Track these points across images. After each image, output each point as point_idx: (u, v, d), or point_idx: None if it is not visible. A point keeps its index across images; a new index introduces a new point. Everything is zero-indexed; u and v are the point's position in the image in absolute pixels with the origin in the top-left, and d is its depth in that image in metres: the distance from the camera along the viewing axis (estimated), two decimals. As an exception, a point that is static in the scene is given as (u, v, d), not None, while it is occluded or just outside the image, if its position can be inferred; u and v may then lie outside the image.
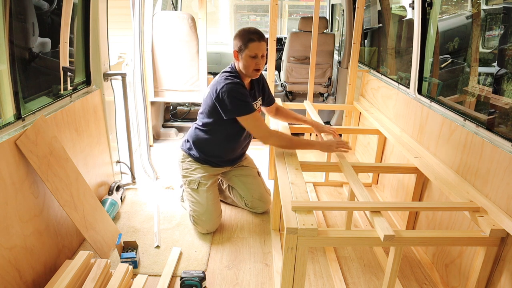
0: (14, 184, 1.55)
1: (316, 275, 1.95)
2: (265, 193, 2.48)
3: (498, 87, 1.94)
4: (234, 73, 2.09)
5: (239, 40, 2.02)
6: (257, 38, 1.99)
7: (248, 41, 1.99)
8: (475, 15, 2.40)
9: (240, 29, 2.07)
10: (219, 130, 2.17)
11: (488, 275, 1.49)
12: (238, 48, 2.03)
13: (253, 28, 2.05)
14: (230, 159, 2.36)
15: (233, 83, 2.01)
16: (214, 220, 2.26)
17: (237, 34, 2.05)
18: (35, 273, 1.67)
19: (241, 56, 2.04)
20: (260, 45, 2.01)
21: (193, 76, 3.56)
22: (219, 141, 2.22)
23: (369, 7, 4.01)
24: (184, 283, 1.76)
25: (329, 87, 4.09)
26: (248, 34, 2.00)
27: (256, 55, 2.01)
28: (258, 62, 2.03)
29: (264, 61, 2.07)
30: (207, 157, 2.27)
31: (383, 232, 1.36)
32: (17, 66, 1.64)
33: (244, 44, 2.00)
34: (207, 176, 2.27)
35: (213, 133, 2.20)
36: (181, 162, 2.33)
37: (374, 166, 2.38)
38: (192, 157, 2.29)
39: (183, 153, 2.33)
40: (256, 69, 2.05)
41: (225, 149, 2.27)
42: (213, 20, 6.29)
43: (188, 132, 2.34)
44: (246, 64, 2.03)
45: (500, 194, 1.50)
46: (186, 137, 2.33)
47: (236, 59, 2.08)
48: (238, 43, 2.02)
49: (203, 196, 2.24)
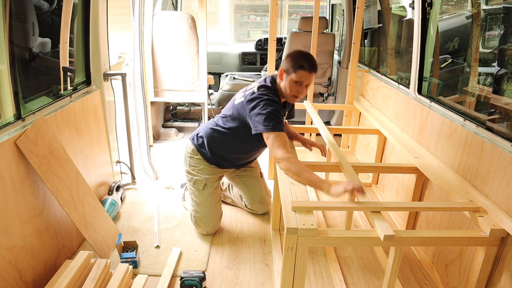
0: (14, 184, 1.55)
1: (316, 275, 1.95)
2: (266, 195, 2.47)
3: (498, 87, 1.94)
4: (273, 90, 1.97)
5: (290, 61, 1.92)
6: (308, 67, 1.88)
7: (299, 67, 1.87)
8: (475, 15, 2.40)
9: (295, 50, 1.97)
10: (240, 138, 2.09)
11: (488, 275, 1.49)
12: (285, 69, 1.93)
13: (308, 55, 1.95)
14: (240, 163, 2.33)
15: (271, 100, 1.90)
16: (215, 223, 2.26)
17: (290, 54, 1.95)
18: (35, 273, 1.67)
19: (285, 77, 1.93)
20: (309, 76, 1.90)
21: (193, 76, 3.56)
22: (235, 148, 2.16)
23: (369, 7, 4.01)
24: (184, 283, 1.76)
25: (329, 87, 4.09)
26: (301, 60, 1.89)
27: (302, 83, 1.90)
28: (300, 90, 1.92)
29: (307, 91, 1.99)
30: (218, 159, 2.20)
31: (383, 232, 1.36)
32: (17, 66, 1.63)
33: (293, 68, 1.89)
34: (213, 178, 2.23)
35: (232, 139, 2.11)
36: (189, 156, 2.24)
37: (374, 166, 2.38)
38: (201, 155, 2.21)
39: (193, 148, 2.22)
40: (295, 96, 1.95)
41: (239, 156, 2.24)
42: (213, 20, 6.29)
43: (203, 128, 2.22)
44: (288, 88, 1.92)
45: (500, 194, 1.50)
46: (200, 133, 2.21)
47: (280, 78, 1.97)
48: (288, 64, 1.92)
49: (207, 198, 2.23)
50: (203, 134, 2.19)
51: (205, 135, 2.18)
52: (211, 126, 2.17)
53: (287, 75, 1.93)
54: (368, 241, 1.49)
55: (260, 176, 2.49)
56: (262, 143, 1.97)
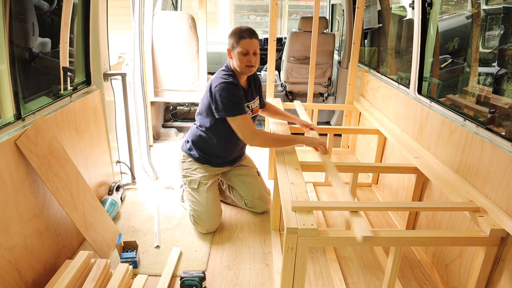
0: (14, 184, 1.55)
1: (316, 275, 1.95)
2: (265, 192, 2.48)
3: (498, 87, 1.94)
4: (229, 72, 2.10)
5: (231, 38, 2.05)
6: (247, 35, 2.01)
7: (240, 38, 2.01)
8: (475, 15, 2.40)
9: (233, 28, 2.10)
10: (217, 130, 2.18)
11: (488, 275, 1.49)
12: (231, 46, 2.06)
13: (245, 26, 2.08)
14: (229, 158, 2.37)
15: (227, 83, 2.02)
16: (214, 220, 2.26)
17: (230, 33, 2.08)
18: (35, 273, 1.67)
19: (233, 54, 2.06)
20: (251, 42, 2.02)
21: (193, 76, 3.56)
22: (218, 141, 2.22)
23: (369, 7, 4.01)
24: (184, 283, 1.76)
25: (329, 87, 4.09)
26: (239, 31, 2.03)
27: (248, 51, 2.02)
28: (250, 58, 2.04)
29: (257, 59, 2.08)
30: (207, 157, 2.28)
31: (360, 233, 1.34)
32: (17, 66, 1.63)
33: (236, 41, 2.02)
34: (207, 176, 2.28)
35: (211, 133, 2.20)
36: (181, 162, 2.35)
37: (374, 166, 2.38)
38: (192, 157, 2.31)
39: (183, 153, 2.35)
40: (248, 66, 2.06)
41: (224, 148, 2.28)
42: (213, 20, 6.29)
43: (188, 132, 2.35)
44: (238, 61, 2.05)
45: (500, 194, 1.50)
46: (186, 138, 2.35)
47: (230, 58, 2.10)
48: (231, 41, 2.05)
49: (203, 195, 2.24)
50: (189, 137, 2.32)
51: (191, 137, 2.30)
52: (194, 126, 2.30)
53: (233, 51, 2.06)
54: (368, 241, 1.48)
55: (258, 175, 2.51)
56: None
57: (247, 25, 2.13)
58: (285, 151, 2.06)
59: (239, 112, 2.02)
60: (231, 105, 2.01)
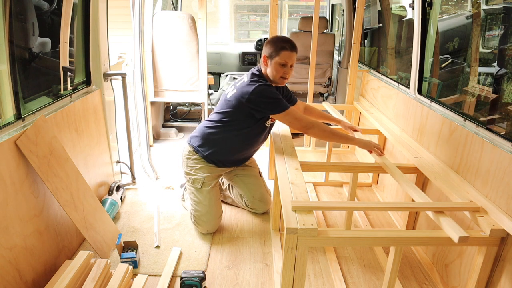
0: (14, 184, 1.55)
1: (316, 275, 1.95)
2: (266, 193, 2.48)
3: (498, 87, 1.95)
4: (261, 77, 2.10)
5: (270, 46, 2.03)
6: (289, 47, 2.01)
7: (281, 49, 2.00)
8: (475, 15, 2.40)
9: (273, 36, 2.11)
10: (235, 132, 2.14)
11: (488, 275, 1.49)
12: (268, 54, 2.04)
13: (286, 37, 2.08)
14: (238, 160, 2.35)
15: (265, 85, 2.03)
16: (215, 221, 2.26)
17: (269, 40, 2.07)
18: (35, 273, 1.67)
19: (270, 63, 2.04)
20: (291, 55, 2.02)
21: (193, 76, 3.56)
22: (232, 143, 2.19)
23: (369, 7, 4.01)
24: (184, 283, 1.76)
25: (329, 87, 4.09)
26: (281, 42, 2.02)
27: (286, 63, 2.02)
28: (286, 71, 2.04)
29: (292, 71, 2.08)
30: (215, 157, 2.23)
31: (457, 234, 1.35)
32: (17, 66, 1.64)
33: (275, 51, 2.01)
34: (211, 176, 2.25)
35: (227, 134, 2.16)
36: (186, 158, 2.27)
37: (374, 166, 2.37)
38: (199, 155, 2.24)
39: (190, 149, 2.26)
40: (283, 77, 2.06)
41: (237, 151, 2.25)
42: (213, 20, 6.29)
43: (198, 128, 2.28)
44: (274, 71, 2.04)
45: (500, 194, 1.50)
46: (196, 133, 2.26)
47: (265, 65, 2.08)
48: (269, 49, 2.03)
49: (206, 197, 2.24)
50: (199, 134, 2.24)
51: (201, 135, 2.23)
52: (206, 125, 2.23)
53: (270, 60, 2.04)
54: (368, 241, 1.49)
55: (259, 175, 2.50)
56: (260, 132, 2.16)
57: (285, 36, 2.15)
58: (285, 151, 2.06)
59: (287, 106, 2.03)
60: (278, 102, 2.02)
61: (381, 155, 2.06)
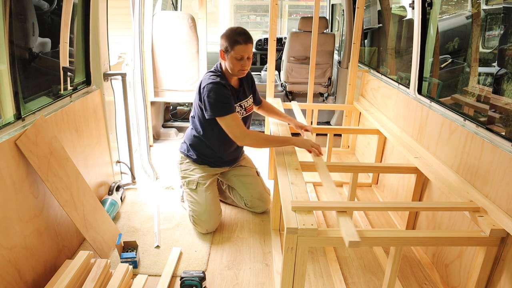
0: (14, 184, 1.55)
1: (316, 275, 1.95)
2: (264, 192, 2.48)
3: (498, 87, 1.94)
4: (217, 73, 2.10)
5: (225, 40, 2.02)
6: (243, 40, 1.97)
7: (234, 43, 1.98)
8: (475, 15, 2.40)
9: (227, 29, 2.06)
10: (210, 132, 2.19)
11: (488, 275, 1.49)
12: (224, 49, 2.03)
13: (240, 29, 2.03)
14: (227, 159, 2.37)
15: (214, 83, 2.01)
16: (214, 220, 2.26)
17: (224, 34, 2.04)
18: (35, 273, 1.67)
19: (227, 57, 2.04)
20: (246, 48, 2.00)
21: (193, 76, 3.56)
22: (212, 142, 2.24)
23: (369, 7, 4.01)
24: (184, 283, 1.76)
25: (329, 87, 4.09)
26: (234, 35, 1.98)
27: (242, 57, 2.01)
28: (243, 63, 2.03)
29: (250, 62, 2.07)
30: (204, 158, 2.29)
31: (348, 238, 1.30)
32: (17, 66, 1.63)
33: (230, 46, 1.99)
34: (205, 176, 2.28)
35: (205, 135, 2.22)
36: (179, 164, 2.36)
37: (374, 166, 2.38)
38: (190, 158, 2.32)
39: (181, 155, 2.36)
40: (241, 70, 2.06)
41: (219, 149, 2.28)
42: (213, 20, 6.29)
43: (185, 133, 2.37)
44: (231, 65, 2.04)
45: (500, 194, 1.50)
46: (184, 139, 2.36)
47: (222, 59, 2.08)
48: (224, 43, 2.02)
49: (202, 196, 2.24)
50: (186, 139, 2.33)
51: (188, 139, 2.31)
52: (189, 129, 2.31)
53: (227, 55, 2.03)
54: (368, 241, 1.49)
55: (257, 175, 2.51)
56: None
57: (240, 26, 2.10)
58: (285, 151, 2.06)
59: (228, 112, 2.01)
60: (219, 106, 2.01)
61: (319, 155, 2.02)
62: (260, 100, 2.45)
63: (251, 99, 2.31)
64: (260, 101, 2.46)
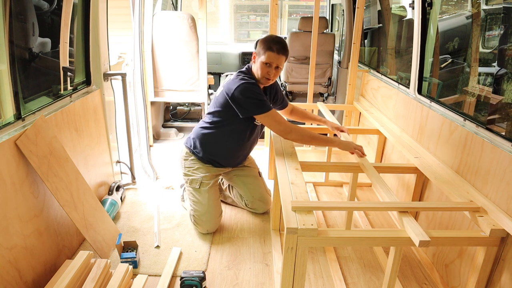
0: (14, 184, 1.55)
1: (316, 275, 1.95)
2: (265, 193, 2.48)
3: (498, 87, 1.95)
4: (248, 74, 2.10)
5: (261, 44, 2.03)
6: (276, 49, 1.98)
7: (268, 48, 1.99)
8: (475, 15, 2.40)
9: (268, 35, 2.10)
10: (227, 131, 2.16)
11: (488, 275, 1.49)
12: (257, 52, 2.05)
13: (279, 39, 2.04)
14: (234, 160, 2.36)
15: (249, 83, 2.02)
16: (215, 221, 2.26)
17: (262, 39, 2.06)
18: (35, 273, 1.67)
19: (257, 60, 2.05)
20: (278, 57, 1.99)
21: (193, 76, 3.56)
22: (225, 142, 2.21)
23: (369, 7, 4.01)
24: (184, 283, 1.76)
25: (329, 87, 4.09)
26: (270, 42, 2.00)
27: (270, 64, 2.00)
28: (269, 71, 2.02)
29: (278, 73, 2.07)
30: (211, 157, 2.26)
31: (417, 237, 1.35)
32: (17, 66, 1.63)
33: (263, 50, 2.01)
34: (209, 176, 2.27)
35: (220, 134, 2.18)
36: (183, 159, 2.31)
37: (374, 166, 2.37)
38: (195, 156, 2.27)
39: (187, 150, 2.30)
40: (266, 78, 2.05)
41: (231, 150, 2.26)
42: (213, 20, 6.29)
43: (194, 130, 2.31)
44: (259, 69, 2.04)
45: (500, 194, 1.50)
46: (192, 135, 2.30)
47: (253, 62, 2.09)
48: (259, 47, 2.03)
49: (204, 196, 2.24)
50: (195, 135, 2.28)
51: (196, 136, 2.26)
52: (201, 125, 2.26)
53: (258, 58, 2.04)
54: (368, 241, 1.49)
55: (259, 175, 2.50)
56: (251, 134, 2.16)
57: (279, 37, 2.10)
58: (285, 151, 2.06)
59: (269, 108, 2.02)
60: (259, 103, 2.00)
61: (362, 156, 2.04)
62: (286, 103, 2.42)
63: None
64: (287, 104, 2.43)
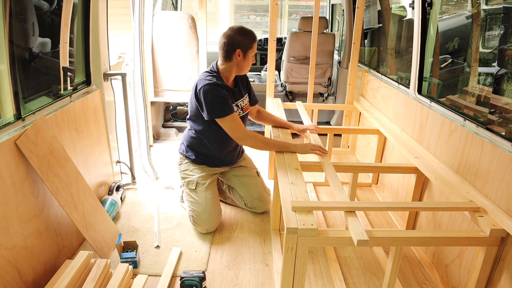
0: (14, 184, 1.55)
1: (316, 275, 1.95)
2: (264, 193, 2.48)
3: (498, 87, 1.94)
4: (213, 73, 2.10)
5: (245, 38, 2.04)
6: (254, 36, 2.08)
7: (253, 40, 2.05)
8: (475, 15, 2.40)
9: (238, 28, 2.07)
10: (208, 132, 2.19)
11: (488, 275, 1.49)
12: (243, 46, 2.04)
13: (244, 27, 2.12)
14: (226, 160, 2.37)
15: (210, 84, 2.01)
16: (214, 220, 2.26)
17: (239, 32, 2.04)
18: (35, 273, 1.67)
19: (246, 54, 2.06)
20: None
21: (193, 76, 3.56)
22: (211, 143, 2.24)
23: (369, 7, 4.00)
24: (184, 283, 1.76)
25: (329, 87, 4.09)
26: (251, 33, 2.06)
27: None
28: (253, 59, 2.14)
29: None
30: (203, 158, 2.30)
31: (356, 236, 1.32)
32: (17, 66, 1.63)
33: (251, 43, 2.05)
34: (204, 175, 2.28)
35: (203, 136, 2.22)
36: (179, 164, 2.37)
37: (374, 166, 2.38)
38: (188, 159, 2.32)
39: (181, 155, 2.37)
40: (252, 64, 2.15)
41: (218, 150, 2.28)
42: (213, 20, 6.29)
43: (183, 134, 2.37)
44: (250, 62, 2.09)
45: (500, 194, 1.50)
46: (182, 140, 2.37)
47: (238, 58, 2.07)
48: (245, 41, 2.04)
49: (201, 196, 2.24)
50: (184, 140, 2.34)
51: (186, 140, 2.32)
52: (187, 129, 2.32)
53: (245, 52, 2.06)
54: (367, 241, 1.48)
55: (257, 175, 2.51)
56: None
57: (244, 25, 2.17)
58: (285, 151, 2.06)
59: (227, 113, 2.02)
60: (218, 107, 2.01)
61: (322, 155, 2.01)
62: (256, 100, 2.44)
63: (246, 98, 2.31)
64: (257, 101, 2.44)
